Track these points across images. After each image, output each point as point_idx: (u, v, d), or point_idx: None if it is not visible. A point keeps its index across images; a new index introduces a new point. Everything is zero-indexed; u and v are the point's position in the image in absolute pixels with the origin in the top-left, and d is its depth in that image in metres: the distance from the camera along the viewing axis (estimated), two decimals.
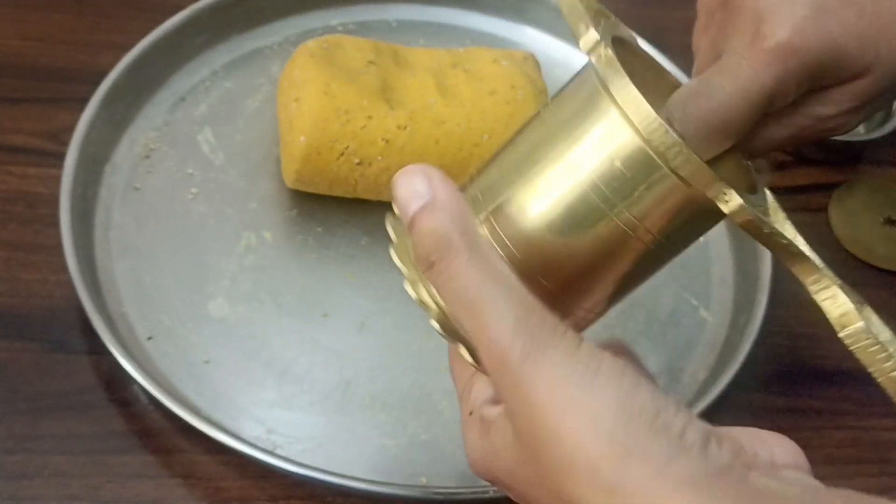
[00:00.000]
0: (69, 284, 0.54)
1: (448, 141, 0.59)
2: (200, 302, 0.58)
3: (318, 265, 0.61)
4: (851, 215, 0.68)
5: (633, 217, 0.36)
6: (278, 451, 0.53)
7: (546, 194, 0.37)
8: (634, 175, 0.36)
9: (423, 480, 0.53)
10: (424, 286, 0.38)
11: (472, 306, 0.34)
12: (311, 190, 0.61)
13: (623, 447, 0.30)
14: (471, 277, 0.34)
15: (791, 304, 0.64)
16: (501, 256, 0.37)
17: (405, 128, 0.59)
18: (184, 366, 0.55)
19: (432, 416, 0.55)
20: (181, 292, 0.58)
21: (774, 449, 0.34)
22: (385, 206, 0.61)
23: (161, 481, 0.52)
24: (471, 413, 0.38)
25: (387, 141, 0.59)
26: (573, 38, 0.38)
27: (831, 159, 0.71)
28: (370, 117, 0.59)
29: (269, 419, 0.54)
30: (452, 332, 0.38)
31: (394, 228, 0.40)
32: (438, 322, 0.38)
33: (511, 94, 0.61)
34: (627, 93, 0.35)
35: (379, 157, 0.59)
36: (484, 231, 0.38)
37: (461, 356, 0.39)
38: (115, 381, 0.54)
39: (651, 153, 0.35)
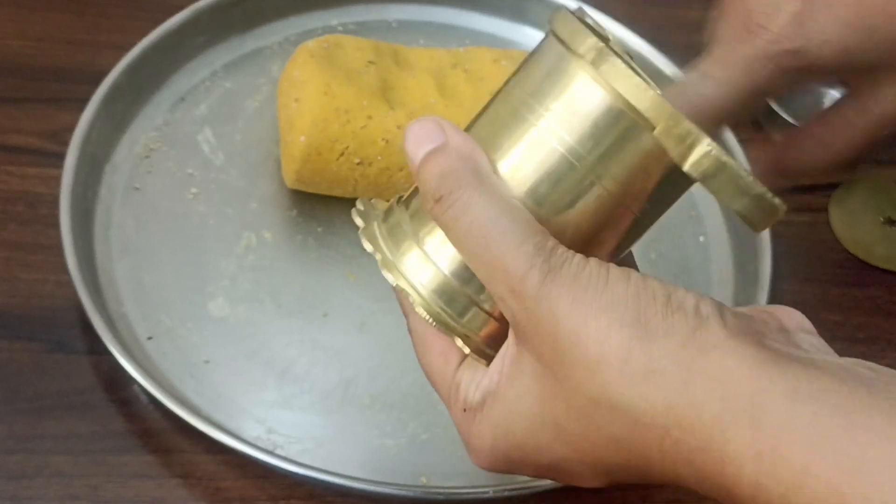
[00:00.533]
0: (69, 284, 0.54)
1: None
2: (200, 302, 0.58)
3: (318, 265, 0.61)
4: (851, 215, 0.68)
5: (615, 180, 0.35)
6: (278, 451, 0.53)
7: (523, 163, 0.36)
8: (612, 133, 0.35)
9: (424, 480, 0.53)
10: (399, 269, 0.38)
11: (487, 236, 0.34)
12: (311, 190, 0.61)
13: (646, 329, 0.32)
14: (485, 208, 0.34)
15: (791, 304, 0.64)
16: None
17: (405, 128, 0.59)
18: (184, 366, 0.55)
19: (432, 416, 0.55)
20: (181, 292, 0.58)
21: (781, 317, 0.36)
22: None
23: (161, 481, 0.52)
24: (465, 410, 0.38)
25: (387, 141, 0.59)
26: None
27: None
28: (370, 117, 0.59)
29: (269, 419, 0.54)
30: (436, 315, 0.38)
31: (360, 216, 0.40)
32: (422, 307, 0.38)
33: None
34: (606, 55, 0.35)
35: (379, 157, 0.59)
36: None
37: (438, 361, 0.39)
38: (115, 381, 0.54)
39: (626, 110, 0.35)
